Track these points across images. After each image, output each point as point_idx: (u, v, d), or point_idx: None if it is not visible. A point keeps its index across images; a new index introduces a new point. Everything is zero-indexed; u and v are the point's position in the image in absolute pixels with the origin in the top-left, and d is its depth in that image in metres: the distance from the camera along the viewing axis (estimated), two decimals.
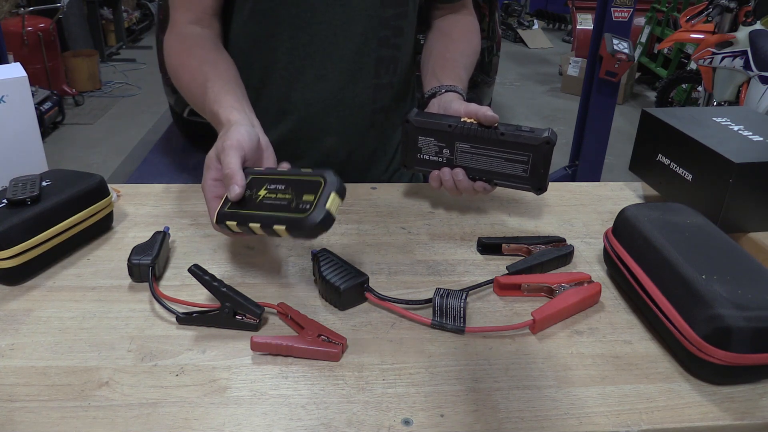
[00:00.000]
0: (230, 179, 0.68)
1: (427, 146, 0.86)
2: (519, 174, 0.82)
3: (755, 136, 0.87)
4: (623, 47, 2.78)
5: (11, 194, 0.75)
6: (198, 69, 0.88)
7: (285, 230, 0.64)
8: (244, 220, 0.67)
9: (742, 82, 3.59)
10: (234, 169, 0.69)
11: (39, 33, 4.43)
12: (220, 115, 0.78)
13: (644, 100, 5.62)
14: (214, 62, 0.89)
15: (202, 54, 0.91)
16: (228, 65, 0.90)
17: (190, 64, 0.90)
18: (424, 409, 0.57)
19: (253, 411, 0.56)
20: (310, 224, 0.62)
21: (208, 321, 0.66)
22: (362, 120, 1.02)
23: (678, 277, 0.64)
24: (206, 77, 0.85)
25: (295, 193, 0.66)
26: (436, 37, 1.06)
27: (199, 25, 0.95)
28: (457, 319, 0.66)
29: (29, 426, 0.54)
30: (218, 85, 0.83)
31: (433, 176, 0.87)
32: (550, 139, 0.79)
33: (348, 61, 0.97)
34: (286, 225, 0.63)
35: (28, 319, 0.67)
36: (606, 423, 0.56)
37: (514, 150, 0.81)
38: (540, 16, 8.37)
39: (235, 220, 0.68)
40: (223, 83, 0.84)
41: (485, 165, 0.83)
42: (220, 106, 0.79)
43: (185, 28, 0.95)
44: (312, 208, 0.63)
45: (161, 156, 4.04)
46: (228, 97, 0.81)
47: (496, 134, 0.81)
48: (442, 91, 0.92)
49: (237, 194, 0.68)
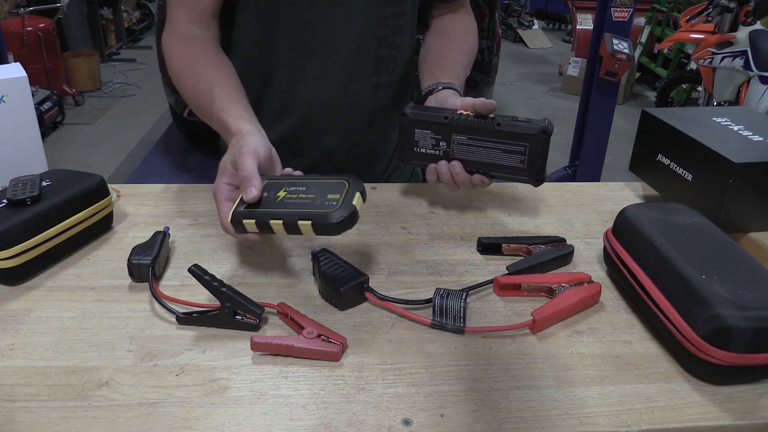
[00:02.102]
0: (248, 181, 0.69)
1: (424, 139, 0.86)
2: (516, 165, 0.82)
3: (755, 136, 0.87)
4: (623, 47, 2.78)
5: (11, 194, 0.75)
6: (202, 74, 0.88)
7: (310, 226, 0.65)
8: (263, 217, 0.67)
9: (742, 82, 3.59)
10: (251, 172, 0.69)
11: (39, 33, 4.43)
12: (230, 125, 0.78)
13: (644, 100, 5.62)
14: (218, 67, 0.89)
15: (206, 58, 0.91)
16: (231, 71, 0.90)
17: (194, 67, 0.89)
18: (424, 409, 0.57)
19: (253, 411, 0.56)
20: (339, 218, 0.64)
21: (208, 321, 0.66)
22: (362, 119, 1.03)
23: (678, 277, 0.64)
24: (212, 83, 0.85)
25: (319, 192, 0.68)
26: (434, 37, 1.06)
27: (198, 26, 0.95)
28: (457, 319, 0.66)
29: (29, 426, 0.54)
30: (225, 92, 0.84)
31: (430, 169, 0.87)
32: (547, 128, 0.79)
33: (348, 60, 0.97)
34: (312, 220, 0.65)
35: (28, 319, 0.67)
36: (606, 423, 0.56)
37: (510, 140, 0.81)
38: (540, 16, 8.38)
39: (253, 219, 0.68)
40: (229, 91, 0.85)
41: (482, 157, 0.83)
42: (229, 115, 0.79)
43: (185, 28, 0.95)
44: (339, 204, 0.65)
45: (161, 156, 4.04)
46: (236, 105, 0.82)
47: (493, 125, 0.81)
48: (439, 88, 0.92)
49: (254, 196, 0.68)
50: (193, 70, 0.89)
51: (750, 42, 3.44)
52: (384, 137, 1.08)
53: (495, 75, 4.21)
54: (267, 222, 0.67)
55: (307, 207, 0.67)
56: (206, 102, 0.84)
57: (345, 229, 0.65)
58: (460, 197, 0.97)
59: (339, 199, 0.66)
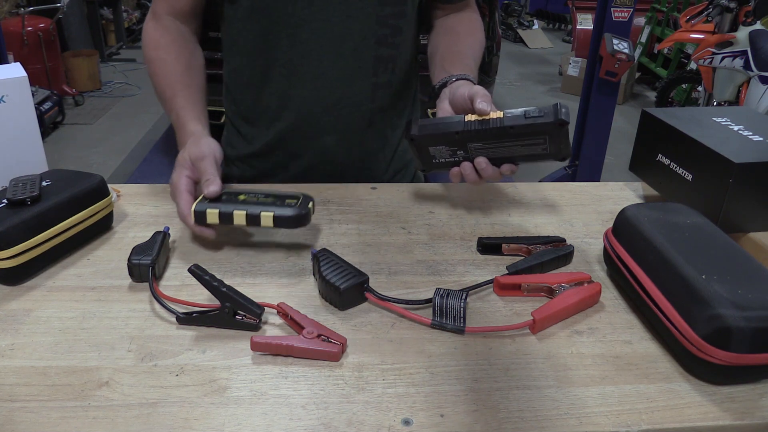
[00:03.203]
0: (211, 183, 0.78)
1: (440, 153, 0.85)
2: (539, 152, 0.81)
3: (755, 136, 0.87)
4: (623, 47, 2.78)
5: (11, 194, 0.75)
6: (172, 66, 0.95)
7: (271, 217, 0.75)
8: (228, 208, 0.76)
9: (742, 82, 3.59)
10: (213, 173, 0.79)
11: (39, 33, 4.43)
12: (187, 123, 0.88)
13: (644, 100, 5.62)
14: (188, 63, 0.97)
15: (178, 51, 0.97)
16: (200, 72, 0.99)
17: (166, 59, 0.96)
18: (424, 409, 0.57)
19: (253, 411, 0.56)
20: (299, 212, 0.76)
21: (208, 321, 0.66)
22: (360, 119, 1.02)
23: (678, 277, 0.64)
24: (178, 78, 0.94)
25: (276, 197, 0.78)
26: (441, 34, 1.05)
27: (179, 20, 1.00)
28: (457, 319, 0.66)
29: (29, 426, 0.54)
30: (188, 91, 0.93)
31: (453, 173, 0.85)
32: (563, 121, 0.76)
33: (346, 60, 0.97)
34: (274, 213, 0.75)
35: (28, 319, 0.67)
36: (606, 423, 0.56)
37: (529, 137, 0.79)
38: (540, 16, 8.38)
39: (216, 209, 0.76)
40: (193, 91, 0.94)
41: (503, 153, 0.82)
42: (187, 113, 0.90)
43: (166, 20, 0.99)
44: (297, 204, 0.77)
45: (161, 156, 4.04)
46: (195, 106, 0.92)
47: (506, 129, 0.78)
48: (453, 80, 0.90)
49: (215, 191, 0.78)
50: (164, 62, 0.96)
51: (750, 42, 3.44)
52: (384, 138, 1.07)
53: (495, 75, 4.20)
54: (230, 213, 0.76)
55: (267, 204, 0.76)
56: (170, 94, 0.93)
57: (301, 224, 0.76)
58: (460, 197, 0.97)
59: (296, 202, 0.77)
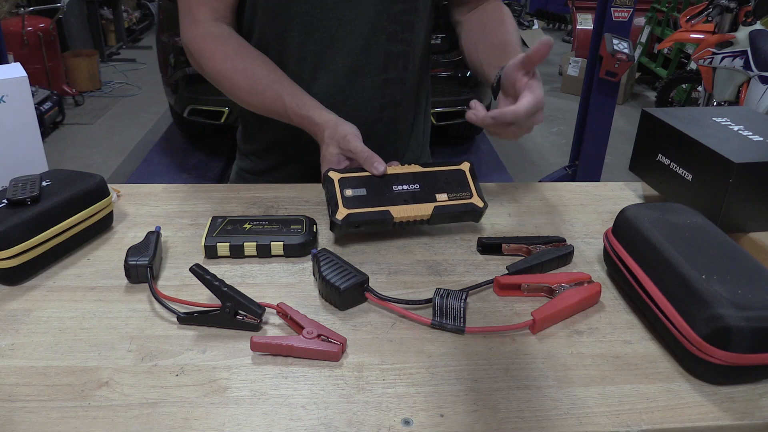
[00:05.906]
0: (372, 158, 0.81)
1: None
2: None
3: (755, 136, 0.87)
4: (623, 47, 2.78)
5: (11, 194, 0.75)
6: (257, 74, 0.94)
7: (282, 246, 0.78)
8: (237, 240, 0.78)
9: (742, 82, 3.59)
10: (369, 150, 0.82)
11: (39, 33, 4.43)
12: (314, 117, 0.90)
13: (644, 100, 5.62)
14: (266, 64, 0.95)
15: (251, 57, 0.95)
16: (275, 64, 0.96)
17: (245, 68, 0.94)
18: (424, 409, 0.57)
19: (253, 411, 0.56)
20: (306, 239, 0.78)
21: (209, 321, 0.66)
22: (370, 114, 1.03)
23: (678, 277, 0.64)
24: (270, 82, 0.93)
25: (281, 223, 0.81)
26: (474, 32, 1.03)
27: (224, 21, 0.97)
28: (457, 319, 0.66)
29: (29, 426, 0.54)
30: (289, 90, 0.93)
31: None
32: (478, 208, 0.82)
33: (356, 56, 0.97)
34: (284, 242, 0.78)
35: (28, 319, 0.67)
36: (606, 423, 0.56)
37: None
38: (540, 16, 8.37)
39: (227, 242, 0.78)
40: (289, 84, 0.93)
41: None
42: (308, 109, 0.90)
43: (213, 28, 0.96)
44: (302, 230, 0.80)
45: (161, 156, 4.04)
46: (305, 98, 0.92)
47: (427, 220, 0.82)
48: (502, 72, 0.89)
49: (383, 170, 0.81)
50: (244, 71, 0.94)
51: (750, 42, 3.44)
52: (394, 134, 1.08)
53: None
54: (241, 245, 0.77)
55: (275, 233, 0.79)
56: (271, 99, 0.93)
57: (309, 252, 0.78)
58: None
59: (301, 228, 0.80)
